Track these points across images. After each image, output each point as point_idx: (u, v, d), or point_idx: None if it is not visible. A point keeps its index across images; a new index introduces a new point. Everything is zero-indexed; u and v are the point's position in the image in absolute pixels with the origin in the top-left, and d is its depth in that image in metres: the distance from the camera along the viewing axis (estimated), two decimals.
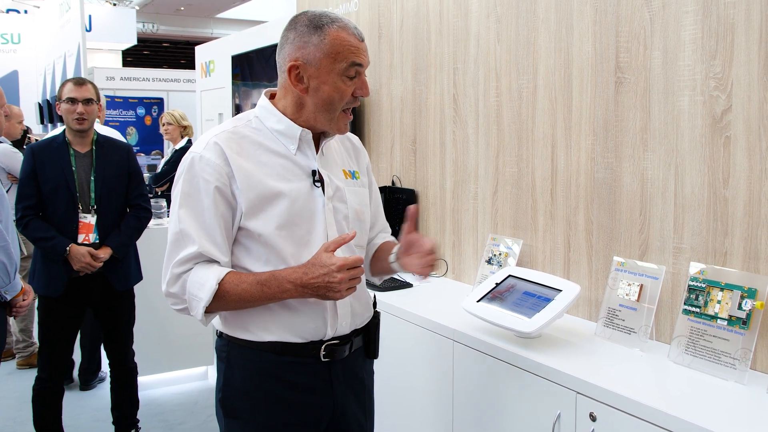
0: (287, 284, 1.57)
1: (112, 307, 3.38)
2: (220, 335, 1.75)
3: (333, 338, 1.71)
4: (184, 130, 5.62)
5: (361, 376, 1.85)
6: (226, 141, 1.63)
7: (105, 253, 3.20)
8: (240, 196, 1.61)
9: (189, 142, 5.67)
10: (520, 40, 2.56)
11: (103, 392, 4.32)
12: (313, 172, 1.69)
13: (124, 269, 3.35)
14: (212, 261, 1.63)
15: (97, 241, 3.21)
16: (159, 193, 5.44)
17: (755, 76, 1.82)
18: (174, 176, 5.32)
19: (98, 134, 3.35)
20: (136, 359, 3.81)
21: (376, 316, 1.86)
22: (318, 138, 1.74)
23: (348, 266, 1.54)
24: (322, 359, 1.70)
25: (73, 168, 3.19)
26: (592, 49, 2.28)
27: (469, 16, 2.80)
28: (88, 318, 3.93)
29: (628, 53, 2.15)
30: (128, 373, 3.54)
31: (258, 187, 1.62)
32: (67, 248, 3.11)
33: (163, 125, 5.63)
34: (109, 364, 3.52)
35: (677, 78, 2.01)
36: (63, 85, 3.27)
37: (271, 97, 1.74)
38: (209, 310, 1.62)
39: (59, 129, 3.63)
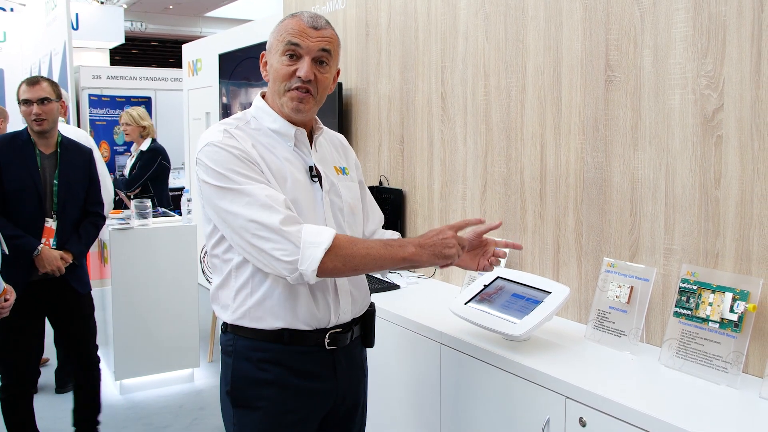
0: (408, 244, 1.66)
1: (74, 310, 3.29)
2: (225, 330, 1.79)
3: (336, 326, 1.77)
4: (144, 130, 5.46)
5: (361, 363, 1.93)
6: (236, 133, 1.70)
7: (69, 257, 3.13)
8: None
9: (154, 142, 5.52)
10: (509, 38, 2.52)
11: None
12: (311, 168, 1.77)
13: (83, 272, 3.28)
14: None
15: (55, 247, 3.12)
16: (131, 197, 5.32)
17: (747, 74, 1.79)
18: (144, 180, 5.18)
19: (62, 136, 3.23)
20: (120, 361, 3.76)
21: (371, 306, 1.93)
22: (311, 135, 1.82)
23: (456, 228, 1.70)
24: (327, 347, 1.75)
25: (39, 169, 3.08)
26: (581, 47, 2.24)
27: (457, 13, 2.76)
28: None
29: (618, 51, 2.12)
30: (92, 377, 3.45)
31: (269, 174, 1.67)
32: (38, 248, 3.03)
33: (122, 126, 5.48)
34: (74, 368, 3.43)
35: (668, 76, 1.98)
36: (19, 86, 3.14)
37: (264, 96, 1.82)
38: (325, 263, 1.56)
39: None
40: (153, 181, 5.42)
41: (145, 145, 5.43)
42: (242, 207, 1.59)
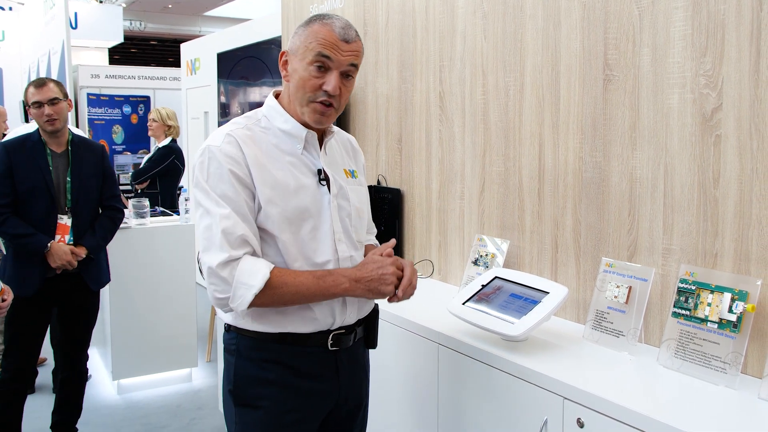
0: (342, 278, 1.65)
1: (83, 307, 3.33)
2: (228, 329, 1.80)
3: (339, 327, 1.78)
4: (169, 129, 5.56)
5: (364, 364, 1.94)
6: (241, 136, 1.69)
7: (82, 252, 3.15)
8: (256, 188, 1.66)
9: (173, 141, 5.59)
10: (507, 37, 2.51)
11: None
12: (319, 171, 1.76)
13: (98, 269, 3.30)
14: (254, 252, 1.65)
15: (71, 243, 3.16)
16: (139, 191, 5.35)
17: (746, 74, 1.78)
18: (152, 175, 5.25)
19: (73, 134, 3.30)
20: (118, 360, 3.74)
21: (375, 308, 1.93)
22: (321, 138, 1.81)
23: (398, 265, 1.70)
24: (330, 348, 1.76)
25: (51, 168, 3.13)
26: (580, 46, 2.23)
27: (456, 12, 2.75)
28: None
29: (617, 50, 2.11)
30: (79, 377, 3.47)
31: (272, 183, 1.67)
32: (48, 245, 3.06)
33: (149, 120, 5.60)
34: (61, 366, 3.45)
35: (667, 75, 1.97)
36: (26, 89, 3.22)
37: (277, 96, 1.81)
38: (256, 302, 1.61)
39: (32, 125, 3.57)
40: (161, 178, 5.48)
41: (163, 143, 5.52)
42: (202, 229, 1.65)
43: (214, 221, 1.62)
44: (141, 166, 5.64)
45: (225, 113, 6.43)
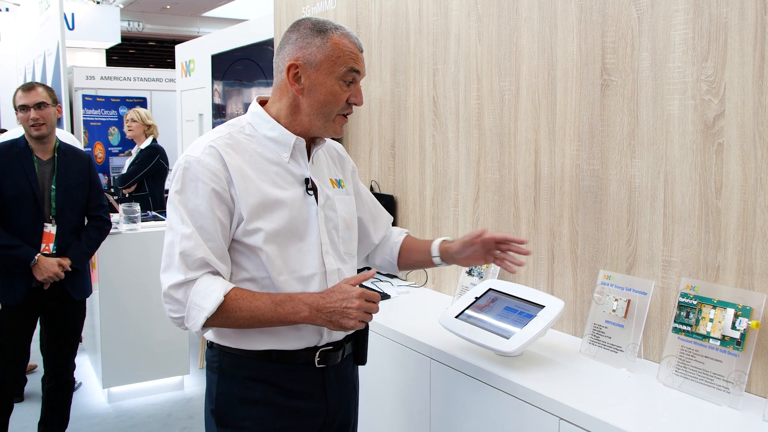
0: (302, 306, 1.56)
1: (67, 316, 3.27)
2: (211, 345, 1.73)
3: (327, 344, 1.71)
4: (148, 129, 5.50)
5: (353, 382, 1.86)
6: (223, 146, 1.61)
7: (66, 263, 3.08)
8: (239, 201, 1.59)
9: (154, 141, 5.52)
10: (502, 40, 2.43)
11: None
12: (306, 180, 1.69)
13: (83, 279, 3.24)
14: (216, 272, 1.58)
15: (55, 252, 3.09)
16: (126, 195, 5.29)
17: (750, 79, 1.70)
18: (140, 177, 5.17)
19: (60, 141, 3.25)
20: (108, 368, 3.67)
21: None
22: (309, 146, 1.74)
23: (367, 297, 1.58)
24: (317, 365, 1.69)
25: (37, 175, 3.08)
26: (577, 49, 2.15)
27: (450, 14, 2.67)
28: None
29: (615, 54, 2.03)
30: (66, 386, 3.41)
31: (257, 194, 1.60)
32: (35, 258, 2.99)
33: (127, 122, 5.51)
34: (48, 375, 3.39)
35: (667, 81, 1.89)
36: (15, 93, 3.18)
37: (262, 103, 1.73)
38: (209, 324, 1.56)
39: (18, 130, 3.52)
40: (149, 180, 5.43)
41: (145, 144, 5.45)
42: (165, 245, 1.59)
43: (175, 239, 1.57)
44: (125, 169, 5.56)
45: (220, 115, 6.36)
